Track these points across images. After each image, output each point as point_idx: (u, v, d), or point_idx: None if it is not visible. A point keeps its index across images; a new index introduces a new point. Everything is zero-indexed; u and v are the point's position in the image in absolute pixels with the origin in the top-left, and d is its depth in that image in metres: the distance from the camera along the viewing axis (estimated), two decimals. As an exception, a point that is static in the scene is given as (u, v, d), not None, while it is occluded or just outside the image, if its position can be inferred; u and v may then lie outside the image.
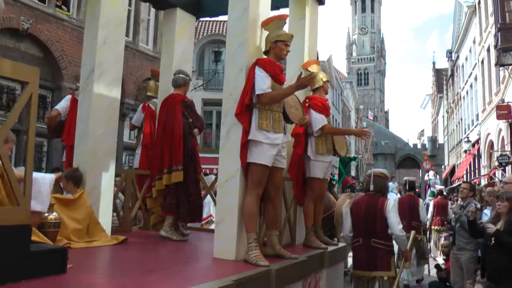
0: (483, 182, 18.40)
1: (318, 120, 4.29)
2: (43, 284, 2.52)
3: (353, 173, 26.73)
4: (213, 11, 5.51)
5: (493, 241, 4.35)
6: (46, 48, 10.54)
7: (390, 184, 23.47)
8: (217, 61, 19.50)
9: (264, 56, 3.73)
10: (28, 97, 2.62)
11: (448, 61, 37.42)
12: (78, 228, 3.91)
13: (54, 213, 3.33)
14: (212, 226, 5.44)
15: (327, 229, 6.24)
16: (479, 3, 23.36)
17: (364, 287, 4.11)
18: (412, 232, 4.90)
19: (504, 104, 17.43)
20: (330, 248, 4.42)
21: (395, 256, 4.35)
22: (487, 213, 5.90)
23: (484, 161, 23.11)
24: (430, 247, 10.47)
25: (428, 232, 10.16)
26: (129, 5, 13.41)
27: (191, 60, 5.46)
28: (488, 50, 21.10)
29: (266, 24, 3.75)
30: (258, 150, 3.39)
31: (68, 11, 11.47)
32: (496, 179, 14.65)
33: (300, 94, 4.41)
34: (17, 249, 2.53)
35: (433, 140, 45.02)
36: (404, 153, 46.94)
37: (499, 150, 18.88)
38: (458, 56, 31.96)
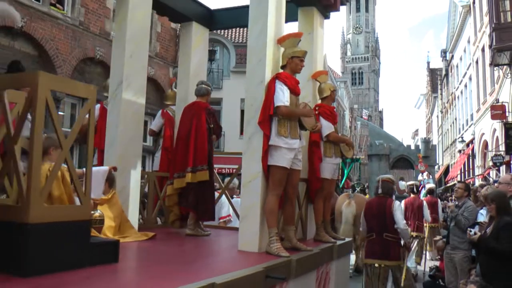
0: (477, 182, 18.49)
1: (326, 127, 4.82)
2: (102, 270, 3.01)
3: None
4: (225, 25, 6.06)
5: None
6: (40, 46, 10.71)
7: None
8: (211, 60, 19.51)
9: (281, 70, 4.23)
10: (88, 110, 3.13)
11: (442, 61, 38.07)
12: (112, 225, 4.39)
13: (98, 211, 3.83)
14: (229, 225, 5.96)
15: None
16: (473, 3, 23.71)
17: (375, 273, 4.72)
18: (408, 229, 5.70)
19: (499, 104, 17.80)
20: (338, 242, 4.94)
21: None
22: (483, 213, 6.04)
23: (478, 161, 23.56)
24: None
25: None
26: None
27: (206, 69, 5.97)
28: (483, 50, 21.49)
29: (282, 41, 4.27)
30: (278, 154, 3.90)
31: (63, 9, 11.62)
32: (491, 180, 15.07)
33: (310, 102, 4.94)
34: (80, 240, 3.03)
35: (426, 141, 46.30)
36: (398, 154, 48.11)
37: (494, 150, 19.31)
38: (452, 56, 32.55)
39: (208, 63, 21.33)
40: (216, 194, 5.92)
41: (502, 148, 17.76)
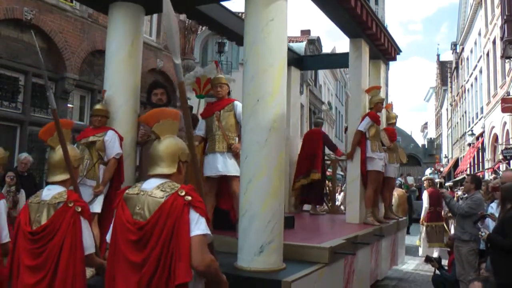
0: (487, 175, 20.26)
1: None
2: (292, 232, 5.99)
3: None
4: (311, 67, 9.04)
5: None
6: (49, 39, 11.12)
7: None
8: (220, 52, 20.28)
9: (368, 110, 7.24)
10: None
11: (452, 53, 40.46)
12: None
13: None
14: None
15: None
16: (485, -6, 25.09)
17: (433, 230, 9.45)
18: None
19: (509, 97, 18.92)
20: (400, 219, 8.00)
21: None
22: (493, 207, 6.42)
23: (488, 155, 25.19)
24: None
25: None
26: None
27: (299, 98, 8.97)
28: (494, 42, 22.90)
29: (369, 91, 7.41)
30: (374, 163, 7.00)
31: (71, 1, 11.88)
32: (501, 173, 15.95)
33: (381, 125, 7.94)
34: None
35: (432, 141, 50.65)
36: (406, 152, 52.60)
37: (504, 143, 20.65)
38: (463, 49, 34.69)
39: (217, 55, 22.74)
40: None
41: (512, 141, 19.19)
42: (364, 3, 6.55)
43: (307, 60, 9.18)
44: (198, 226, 2.46)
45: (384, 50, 8.09)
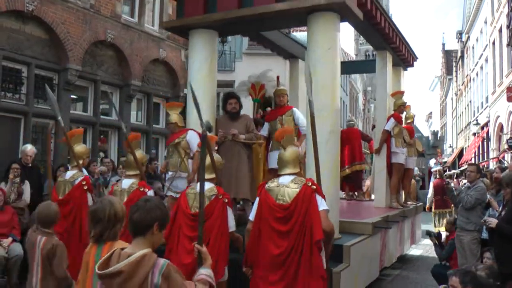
0: (492, 165, 20.81)
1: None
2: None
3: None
4: (347, 73, 10.75)
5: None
6: (51, 30, 11.36)
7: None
8: (223, 42, 20.54)
9: (392, 112, 8.99)
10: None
11: (458, 42, 41.74)
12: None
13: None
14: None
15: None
16: (491, -19, 25.71)
17: (441, 216, 10.78)
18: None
19: None
20: (418, 204, 9.81)
21: None
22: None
23: (493, 144, 26.25)
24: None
25: None
26: (134, -14, 15.79)
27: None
28: (500, 30, 23.70)
29: (394, 95, 9.19)
30: (398, 156, 8.89)
31: None
32: (506, 163, 16.48)
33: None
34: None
35: (435, 133, 52.99)
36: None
37: (509, 132, 21.68)
38: (468, 37, 35.91)
39: (220, 44, 22.99)
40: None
41: (517, 131, 20.36)
42: (391, 23, 8.30)
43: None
44: (322, 204, 4.11)
45: (404, 58, 9.86)
